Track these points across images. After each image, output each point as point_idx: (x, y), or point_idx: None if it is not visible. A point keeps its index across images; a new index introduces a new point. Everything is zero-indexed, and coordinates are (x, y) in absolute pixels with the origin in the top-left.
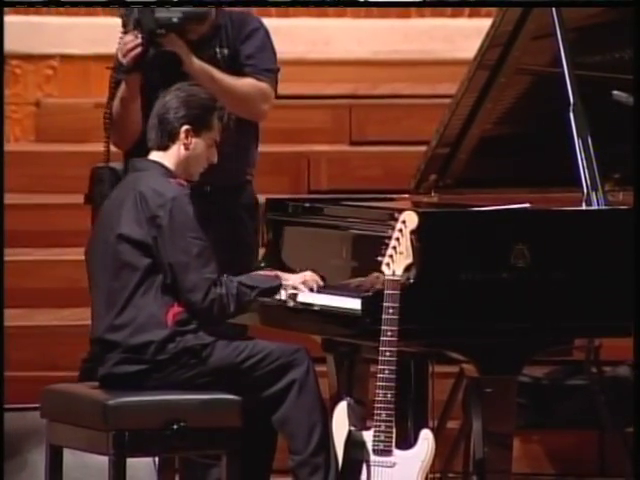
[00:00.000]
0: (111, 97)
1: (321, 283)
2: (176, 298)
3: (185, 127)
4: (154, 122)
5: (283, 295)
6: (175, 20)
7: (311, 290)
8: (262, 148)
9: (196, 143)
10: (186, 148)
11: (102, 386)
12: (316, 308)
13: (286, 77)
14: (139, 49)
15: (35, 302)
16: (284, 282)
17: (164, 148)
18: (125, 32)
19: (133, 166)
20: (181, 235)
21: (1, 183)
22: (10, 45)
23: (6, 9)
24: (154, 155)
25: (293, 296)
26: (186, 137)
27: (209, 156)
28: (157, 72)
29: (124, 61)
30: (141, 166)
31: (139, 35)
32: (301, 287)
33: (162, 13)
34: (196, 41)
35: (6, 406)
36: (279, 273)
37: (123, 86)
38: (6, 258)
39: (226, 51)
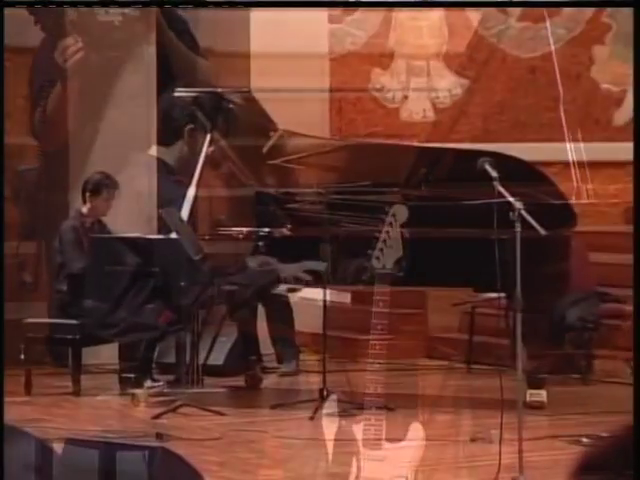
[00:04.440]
0: (44, 97)
1: (309, 278)
2: (167, 302)
3: (190, 126)
4: (159, 118)
5: (283, 289)
6: (116, 24)
7: (307, 284)
8: (253, 140)
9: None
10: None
11: None
12: (310, 302)
13: (276, 70)
14: (80, 53)
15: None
16: (281, 274)
17: (167, 145)
18: (54, 36)
19: (133, 162)
20: (176, 239)
21: (1, 180)
22: None
23: None
24: (156, 151)
25: (293, 291)
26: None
27: None
28: (101, 75)
29: (64, 65)
30: (142, 163)
31: (79, 39)
32: (303, 276)
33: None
34: None
35: None
36: (275, 266)
37: (59, 87)
38: None
39: None
